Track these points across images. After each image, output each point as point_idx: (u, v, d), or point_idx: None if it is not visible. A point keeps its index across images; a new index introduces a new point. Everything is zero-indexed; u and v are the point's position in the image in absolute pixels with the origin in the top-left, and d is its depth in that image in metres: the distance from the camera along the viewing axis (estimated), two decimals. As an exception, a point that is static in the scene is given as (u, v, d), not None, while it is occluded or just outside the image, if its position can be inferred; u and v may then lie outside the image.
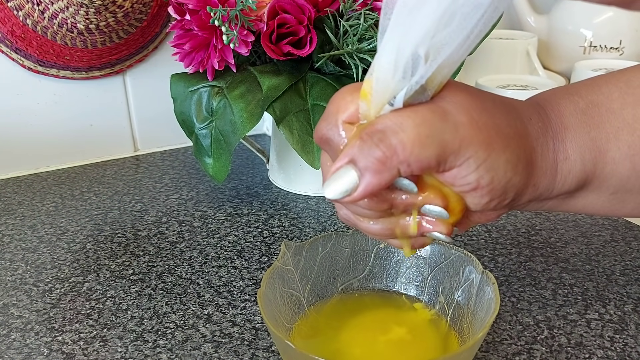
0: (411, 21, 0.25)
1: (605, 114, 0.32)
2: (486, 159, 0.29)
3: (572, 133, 0.32)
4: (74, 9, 0.65)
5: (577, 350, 0.40)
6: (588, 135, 0.32)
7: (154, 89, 0.77)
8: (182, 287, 0.49)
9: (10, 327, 0.44)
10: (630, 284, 0.48)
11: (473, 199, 0.30)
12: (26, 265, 0.52)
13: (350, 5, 0.55)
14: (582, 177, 0.33)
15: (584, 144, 0.32)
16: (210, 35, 0.55)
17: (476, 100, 0.29)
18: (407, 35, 0.25)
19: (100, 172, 0.73)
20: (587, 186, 0.34)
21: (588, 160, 0.32)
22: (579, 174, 0.32)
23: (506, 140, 0.29)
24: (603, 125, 0.32)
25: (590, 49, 0.86)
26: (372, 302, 0.43)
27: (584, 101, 0.33)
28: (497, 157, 0.29)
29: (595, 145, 0.32)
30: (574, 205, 0.35)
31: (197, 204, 0.64)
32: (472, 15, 0.24)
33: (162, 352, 0.41)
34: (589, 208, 0.35)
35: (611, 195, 0.34)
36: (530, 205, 0.34)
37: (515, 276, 0.49)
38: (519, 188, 0.31)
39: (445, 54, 0.25)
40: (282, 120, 0.55)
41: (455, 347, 0.38)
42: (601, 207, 0.35)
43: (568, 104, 0.33)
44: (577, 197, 0.34)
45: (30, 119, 0.72)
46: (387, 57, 0.26)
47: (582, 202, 0.35)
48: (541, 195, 0.33)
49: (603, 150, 0.32)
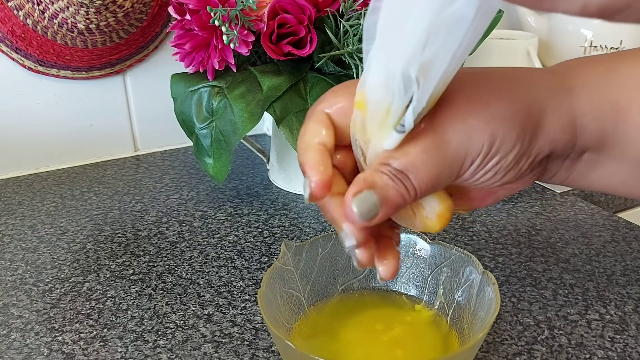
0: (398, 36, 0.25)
1: (626, 80, 0.32)
2: (491, 147, 0.30)
3: (588, 92, 0.32)
4: (74, 8, 0.65)
5: (577, 351, 0.40)
6: (607, 96, 0.32)
7: (154, 88, 0.77)
8: (182, 287, 0.48)
9: (10, 327, 0.44)
10: (631, 284, 0.48)
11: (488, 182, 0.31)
12: (26, 265, 0.52)
13: (350, 5, 0.55)
14: (601, 134, 0.32)
15: (602, 103, 0.32)
16: (210, 35, 0.55)
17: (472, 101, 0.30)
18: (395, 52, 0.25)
19: (100, 172, 0.73)
20: (608, 150, 0.33)
21: (607, 119, 0.32)
22: (597, 131, 0.32)
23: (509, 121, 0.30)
24: (622, 90, 0.32)
25: (590, 49, 0.86)
26: (372, 302, 0.42)
27: (602, 67, 0.33)
28: (502, 141, 0.30)
29: (615, 106, 0.32)
30: (597, 176, 0.35)
31: (197, 204, 0.64)
32: (458, 29, 0.23)
33: (162, 352, 0.41)
34: (610, 182, 0.35)
35: (634, 167, 0.34)
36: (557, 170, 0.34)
37: (515, 276, 0.49)
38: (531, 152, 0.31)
39: (437, 72, 0.25)
40: (282, 120, 0.55)
41: (455, 347, 0.38)
42: (624, 180, 0.35)
43: (586, 67, 0.33)
44: (600, 166, 0.34)
45: (31, 118, 0.72)
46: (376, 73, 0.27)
47: (605, 173, 0.34)
48: (564, 151, 0.33)
49: (623, 113, 0.32)
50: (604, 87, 0.32)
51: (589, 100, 0.32)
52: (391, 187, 0.28)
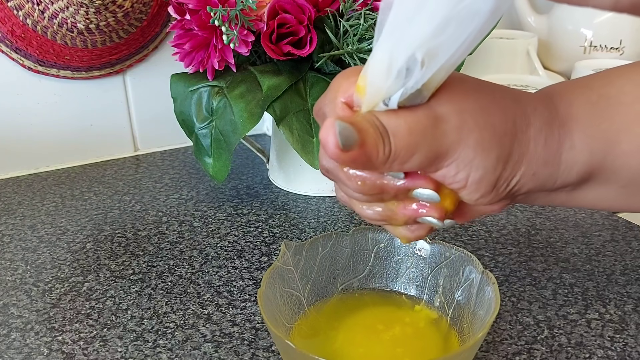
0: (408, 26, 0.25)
1: (617, 107, 0.32)
2: (474, 159, 0.30)
3: (582, 124, 0.32)
4: (74, 8, 0.65)
5: (577, 350, 0.40)
6: (598, 127, 0.32)
7: (154, 88, 0.77)
8: (182, 286, 0.49)
9: (10, 327, 0.44)
10: (631, 283, 0.48)
11: (465, 195, 0.32)
12: (26, 265, 0.52)
13: (350, 5, 0.55)
14: (588, 169, 0.33)
15: (594, 135, 0.32)
16: (210, 35, 0.55)
17: (473, 101, 0.30)
18: (402, 40, 0.25)
19: (100, 172, 0.73)
20: (595, 179, 0.33)
21: (597, 152, 0.32)
22: (585, 165, 0.32)
23: (499, 137, 0.30)
24: (614, 118, 0.32)
25: (590, 49, 0.86)
26: (372, 302, 0.43)
27: (595, 94, 0.33)
28: (486, 156, 0.30)
29: (605, 137, 0.32)
30: (583, 199, 0.35)
31: (197, 203, 0.64)
32: (470, 22, 0.24)
33: (162, 352, 0.41)
34: (599, 203, 0.36)
35: (622, 189, 0.34)
36: (536, 197, 0.34)
37: (515, 276, 0.49)
38: (511, 181, 0.31)
39: (441, 59, 0.25)
40: (282, 120, 0.55)
41: (455, 346, 0.38)
42: (612, 201, 0.35)
43: (579, 95, 0.33)
44: (586, 189, 0.34)
45: (31, 118, 0.72)
46: (380, 59, 0.27)
47: (591, 195, 0.35)
48: (544, 186, 0.33)
49: (613, 143, 0.32)
50: (596, 118, 0.32)
51: (582, 134, 0.32)
52: (371, 135, 0.28)
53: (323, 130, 0.27)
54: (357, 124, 0.27)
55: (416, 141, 0.28)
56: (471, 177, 0.30)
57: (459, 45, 0.25)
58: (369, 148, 0.28)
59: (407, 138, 0.28)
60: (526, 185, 0.32)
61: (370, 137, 0.28)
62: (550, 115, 0.32)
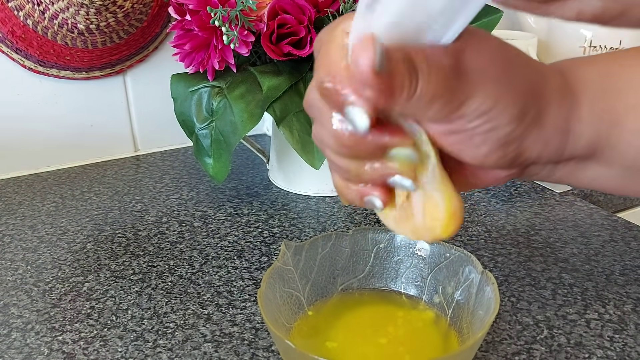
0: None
1: (625, 87, 0.33)
2: (491, 110, 0.29)
3: (590, 98, 0.32)
4: (74, 9, 0.66)
5: (576, 350, 0.40)
6: (605, 103, 0.32)
7: (155, 89, 0.78)
8: (182, 286, 0.49)
9: (10, 327, 0.44)
10: (630, 283, 0.48)
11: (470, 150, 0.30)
12: (27, 265, 0.52)
13: (350, 6, 0.55)
14: (595, 141, 0.33)
15: (601, 108, 0.32)
16: (210, 36, 0.55)
17: (497, 55, 0.29)
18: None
19: (100, 172, 0.73)
20: (600, 155, 0.33)
21: (603, 125, 0.32)
22: (592, 137, 0.32)
23: (517, 95, 0.30)
24: (621, 97, 0.32)
25: (590, 49, 0.86)
26: (372, 302, 0.43)
27: (603, 69, 0.33)
28: (503, 109, 0.29)
29: (612, 113, 0.32)
30: (583, 177, 0.35)
31: (197, 204, 0.64)
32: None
33: (162, 352, 0.41)
34: (598, 182, 0.35)
35: (623, 171, 0.34)
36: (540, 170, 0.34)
37: (514, 276, 0.49)
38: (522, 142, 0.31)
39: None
40: (282, 120, 0.55)
41: (455, 346, 0.38)
42: (611, 182, 0.35)
43: (588, 72, 0.33)
44: (588, 167, 0.34)
45: (31, 119, 0.72)
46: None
47: (591, 174, 0.35)
48: (552, 156, 0.32)
49: (620, 120, 0.32)
50: (604, 93, 0.33)
51: (589, 107, 0.32)
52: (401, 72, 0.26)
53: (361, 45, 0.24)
54: (391, 54, 0.25)
55: (443, 86, 0.27)
56: (480, 128, 0.29)
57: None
58: (396, 82, 0.26)
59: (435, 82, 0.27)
60: (535, 151, 0.32)
61: (400, 72, 0.26)
62: (562, 86, 0.32)
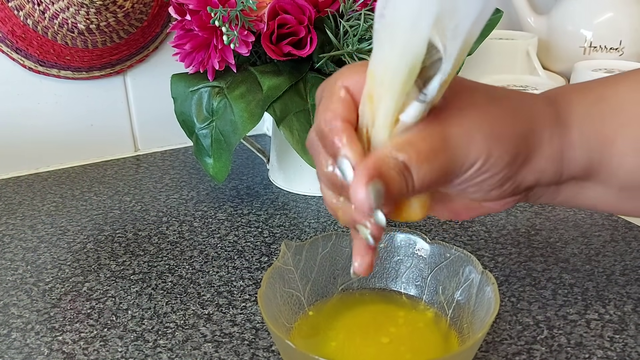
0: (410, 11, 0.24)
1: (613, 108, 0.34)
2: (482, 168, 0.31)
3: (579, 122, 0.33)
4: (74, 9, 0.65)
5: (576, 351, 0.40)
6: (594, 126, 0.33)
7: (155, 89, 0.78)
8: (183, 286, 0.49)
9: (10, 327, 0.44)
10: (630, 284, 0.48)
11: (471, 195, 0.33)
12: (26, 265, 0.52)
13: (350, 6, 0.55)
14: (588, 164, 0.34)
15: (591, 133, 0.33)
16: (210, 36, 0.55)
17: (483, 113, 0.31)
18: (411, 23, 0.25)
19: (100, 172, 0.73)
20: (594, 176, 0.34)
21: (594, 149, 0.33)
22: (585, 161, 0.34)
23: (510, 142, 0.31)
24: (610, 119, 0.33)
25: (590, 49, 0.86)
26: (372, 302, 0.43)
27: (593, 95, 0.34)
28: (495, 162, 0.31)
29: (601, 137, 0.33)
30: (584, 200, 0.36)
31: (197, 203, 0.64)
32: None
33: (162, 352, 0.41)
34: (599, 204, 0.37)
35: (620, 192, 0.35)
36: (542, 194, 0.35)
37: (515, 276, 0.49)
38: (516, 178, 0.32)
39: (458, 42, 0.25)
40: (282, 120, 0.55)
41: (455, 346, 0.38)
42: (611, 203, 0.36)
43: (578, 96, 0.35)
44: (587, 189, 0.35)
45: (31, 119, 0.72)
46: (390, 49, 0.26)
47: (591, 195, 0.36)
48: (551, 180, 0.34)
49: (609, 142, 0.33)
50: (594, 117, 0.34)
51: (579, 132, 0.33)
52: (396, 179, 0.28)
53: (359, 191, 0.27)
54: (381, 173, 0.28)
55: (434, 169, 0.29)
56: (476, 179, 0.31)
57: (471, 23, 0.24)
58: (395, 192, 0.28)
59: (429, 169, 0.29)
60: (532, 180, 0.33)
61: (396, 183, 0.28)
62: (553, 115, 0.33)
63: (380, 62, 0.27)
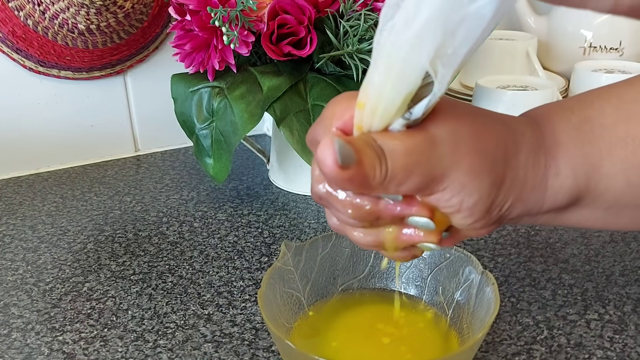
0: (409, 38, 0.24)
1: (598, 130, 0.33)
2: (467, 184, 0.30)
3: (565, 149, 0.32)
4: (74, 9, 0.66)
5: (576, 351, 0.40)
6: (581, 151, 0.32)
7: (155, 89, 0.78)
8: (183, 287, 0.49)
9: (11, 327, 0.44)
10: (630, 284, 0.48)
11: (458, 220, 0.31)
12: (27, 265, 0.52)
13: (350, 6, 0.55)
14: (575, 192, 0.33)
15: (577, 160, 0.32)
16: (210, 36, 0.55)
17: (466, 126, 0.30)
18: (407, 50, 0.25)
19: (101, 173, 0.73)
20: (580, 201, 0.34)
21: (581, 176, 0.32)
22: (571, 189, 0.33)
23: (492, 163, 0.30)
24: (596, 141, 0.32)
25: (590, 50, 0.86)
26: (372, 302, 0.43)
27: (576, 117, 0.33)
28: (480, 182, 0.30)
29: (588, 160, 0.32)
30: (567, 219, 0.35)
31: (197, 204, 0.64)
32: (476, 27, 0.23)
33: (162, 352, 0.41)
34: (583, 222, 0.36)
35: (606, 211, 0.34)
36: (522, 219, 0.34)
37: (514, 276, 0.49)
38: (504, 206, 0.32)
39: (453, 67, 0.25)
40: (282, 120, 0.55)
41: (455, 347, 0.38)
42: (596, 222, 0.36)
43: (561, 120, 0.33)
44: (571, 212, 0.35)
45: (31, 119, 0.72)
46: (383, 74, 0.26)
47: (576, 216, 0.35)
48: (531, 210, 0.33)
49: (596, 166, 0.32)
50: (578, 142, 0.33)
51: (565, 160, 0.32)
52: (368, 155, 0.27)
53: (321, 149, 0.26)
54: (354, 143, 0.27)
55: (413, 162, 0.28)
56: (465, 203, 0.30)
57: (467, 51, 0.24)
58: (366, 167, 0.27)
59: (404, 159, 0.28)
60: (516, 210, 0.32)
61: (367, 156, 0.27)
62: (537, 141, 0.32)
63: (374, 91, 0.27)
